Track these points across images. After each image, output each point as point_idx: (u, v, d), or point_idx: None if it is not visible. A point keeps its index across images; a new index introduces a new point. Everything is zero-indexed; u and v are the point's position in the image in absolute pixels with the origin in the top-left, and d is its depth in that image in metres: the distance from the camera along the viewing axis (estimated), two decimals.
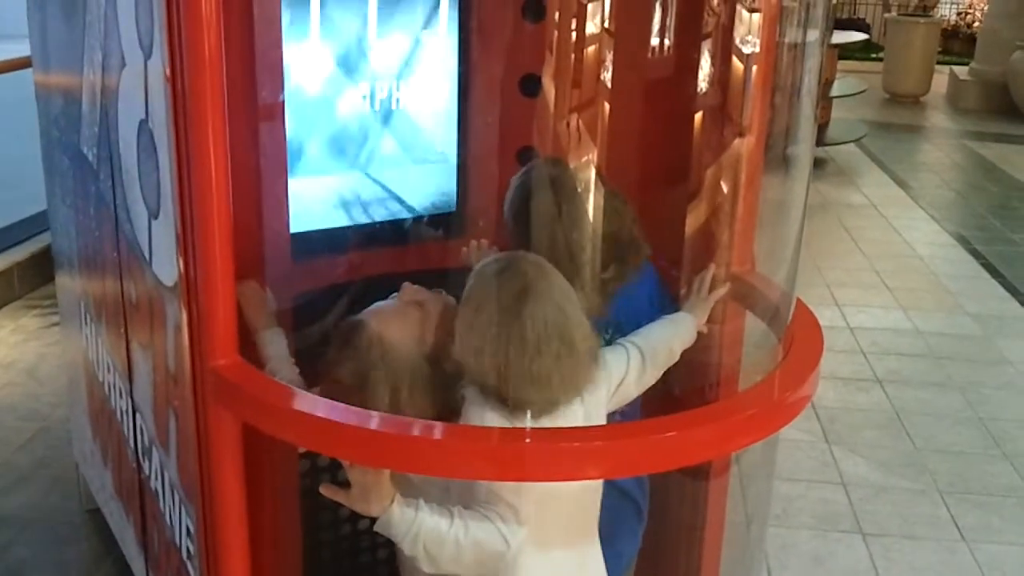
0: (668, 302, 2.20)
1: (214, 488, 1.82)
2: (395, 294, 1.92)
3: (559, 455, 1.61)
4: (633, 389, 1.96)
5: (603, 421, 1.89)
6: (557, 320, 1.71)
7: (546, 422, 1.74)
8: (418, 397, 1.81)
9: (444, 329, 1.84)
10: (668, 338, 2.03)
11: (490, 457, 1.62)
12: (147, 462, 2.41)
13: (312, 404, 1.71)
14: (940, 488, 3.83)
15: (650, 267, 2.25)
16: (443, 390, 1.82)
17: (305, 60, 2.11)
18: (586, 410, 1.81)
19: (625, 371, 1.94)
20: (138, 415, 2.43)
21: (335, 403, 1.71)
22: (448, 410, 1.81)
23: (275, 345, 1.99)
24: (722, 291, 2.12)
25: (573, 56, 2.30)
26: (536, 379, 1.70)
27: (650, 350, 1.98)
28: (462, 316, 1.76)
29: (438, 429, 1.68)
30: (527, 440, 1.69)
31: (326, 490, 1.71)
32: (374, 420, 1.65)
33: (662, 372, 2.01)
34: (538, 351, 1.69)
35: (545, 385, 1.71)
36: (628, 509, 2.29)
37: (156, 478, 2.34)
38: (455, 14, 2.31)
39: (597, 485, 1.92)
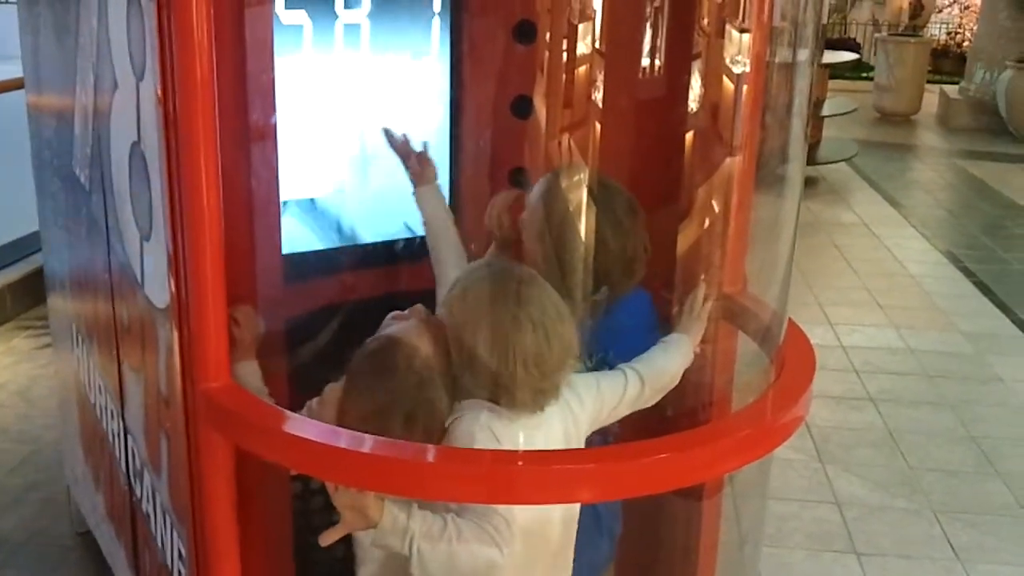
0: (660, 320, 2.20)
1: (206, 511, 1.81)
2: (388, 318, 1.93)
3: (550, 478, 1.61)
4: (625, 411, 1.98)
5: (582, 437, 1.91)
6: (547, 312, 1.78)
7: (535, 422, 1.79)
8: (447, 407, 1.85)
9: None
10: (669, 362, 2.05)
11: (481, 480, 1.62)
12: (139, 485, 2.40)
13: (304, 427, 1.71)
14: (934, 507, 3.82)
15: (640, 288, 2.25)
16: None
17: (297, 82, 2.11)
18: (565, 426, 1.85)
19: (620, 398, 1.97)
20: (129, 437, 2.42)
21: (326, 426, 1.71)
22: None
23: (250, 377, 1.98)
24: (710, 303, 2.13)
25: (564, 77, 2.31)
26: (526, 362, 1.75)
27: (651, 375, 2.00)
28: (457, 311, 1.81)
29: (430, 452, 1.68)
30: (519, 463, 1.69)
31: (325, 540, 1.71)
32: (366, 443, 1.65)
33: (662, 395, 2.03)
34: (531, 333, 1.75)
35: (533, 368, 1.75)
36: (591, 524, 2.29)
37: (148, 501, 2.33)
38: (447, 37, 2.32)
39: (575, 511, 1.93)
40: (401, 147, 2.21)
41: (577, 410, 1.87)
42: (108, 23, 2.07)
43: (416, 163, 2.20)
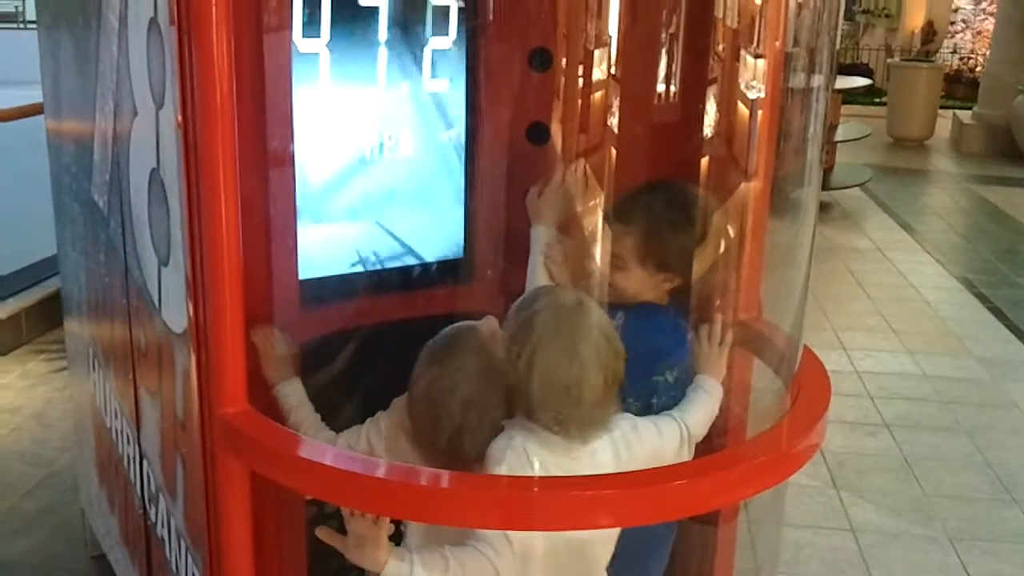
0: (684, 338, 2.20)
1: (221, 536, 1.81)
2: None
3: (566, 504, 1.61)
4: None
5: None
6: (593, 344, 1.79)
7: (584, 445, 1.79)
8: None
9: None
10: (707, 421, 2.04)
11: (497, 505, 1.62)
12: (154, 509, 2.41)
13: (320, 453, 1.72)
14: (950, 534, 3.80)
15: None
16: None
17: (315, 109, 2.13)
18: (617, 455, 1.84)
19: (677, 449, 1.96)
20: (145, 462, 2.43)
21: (342, 451, 1.72)
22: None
23: (294, 395, 2.01)
24: (730, 336, 2.13)
25: (580, 104, 2.32)
26: (565, 393, 1.76)
27: (694, 437, 2.00)
28: (511, 334, 1.82)
29: (445, 477, 1.68)
30: (535, 488, 1.69)
31: (322, 533, 1.73)
32: (380, 468, 1.65)
33: None
34: (575, 366, 1.76)
35: (572, 400, 1.76)
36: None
37: (163, 525, 2.33)
38: (463, 64, 2.34)
39: (605, 535, 1.92)
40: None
41: (636, 446, 1.88)
42: (128, 50, 2.09)
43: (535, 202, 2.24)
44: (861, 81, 10.57)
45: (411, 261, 2.40)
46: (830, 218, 8.63)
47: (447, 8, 2.30)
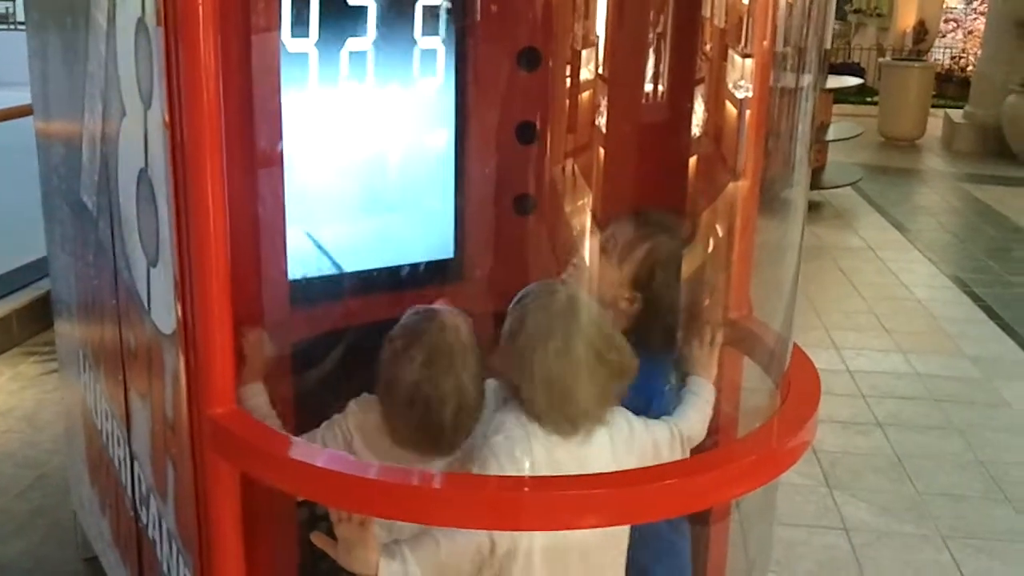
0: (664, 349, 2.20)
1: (212, 537, 1.81)
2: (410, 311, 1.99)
3: (556, 504, 1.60)
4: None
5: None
6: (591, 336, 1.83)
7: (576, 440, 1.82)
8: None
9: None
10: (702, 421, 2.07)
11: (488, 506, 1.62)
12: (145, 511, 2.40)
13: (310, 454, 1.71)
14: (942, 532, 3.80)
15: None
16: None
17: (303, 109, 2.13)
18: (614, 448, 1.86)
19: (668, 449, 1.98)
20: (136, 463, 2.43)
21: (333, 452, 1.72)
22: None
23: (257, 398, 1.99)
24: (721, 336, 2.13)
25: (568, 103, 2.32)
26: (562, 382, 1.80)
27: (689, 439, 2.03)
28: (509, 328, 1.84)
29: (436, 478, 1.68)
30: (525, 488, 1.69)
31: (316, 539, 1.74)
32: (371, 470, 1.65)
33: None
34: (572, 358, 1.80)
35: (572, 390, 1.80)
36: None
37: (154, 527, 2.33)
38: (452, 63, 2.34)
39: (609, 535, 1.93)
40: None
41: (629, 438, 1.90)
42: (116, 50, 2.09)
43: None
44: (852, 80, 10.56)
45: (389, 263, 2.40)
46: (821, 217, 8.64)
47: (436, 8, 2.29)
